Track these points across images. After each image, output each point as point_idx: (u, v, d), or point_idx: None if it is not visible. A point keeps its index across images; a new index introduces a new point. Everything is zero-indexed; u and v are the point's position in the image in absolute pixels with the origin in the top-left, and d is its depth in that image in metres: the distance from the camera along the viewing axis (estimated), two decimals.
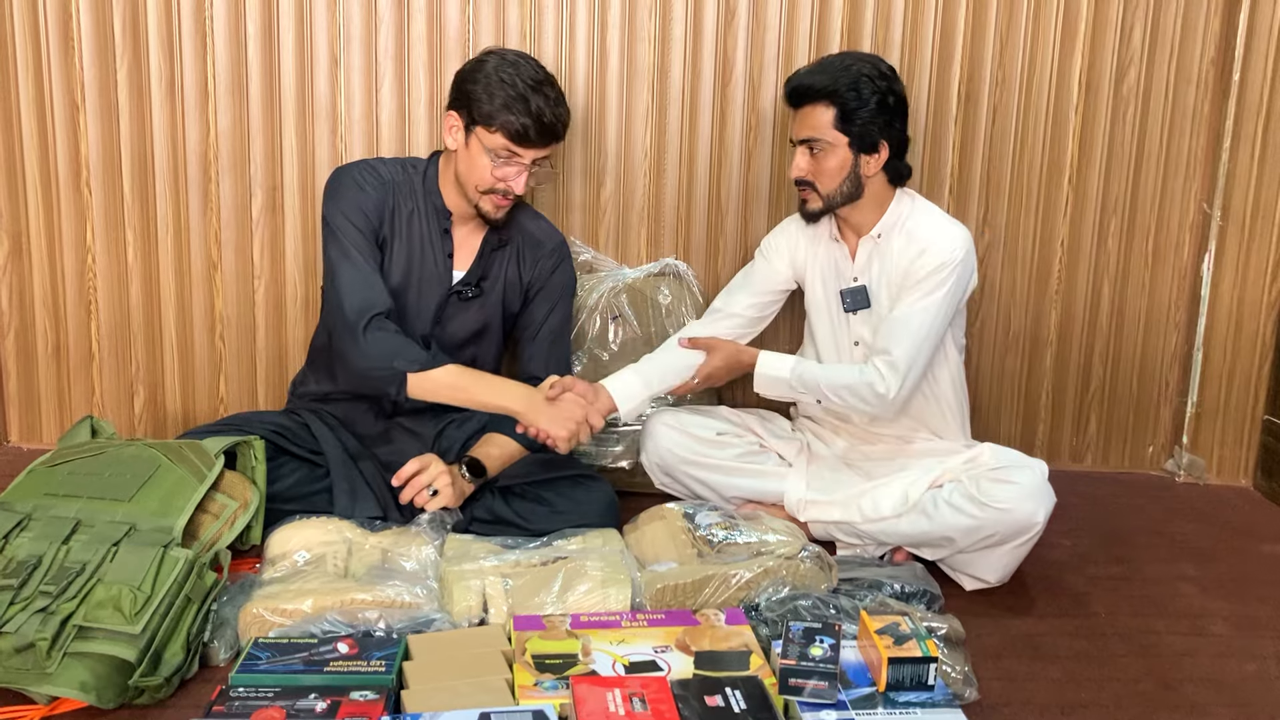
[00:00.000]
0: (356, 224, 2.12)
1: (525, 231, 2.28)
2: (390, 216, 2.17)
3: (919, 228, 2.20)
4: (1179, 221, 2.70)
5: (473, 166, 2.10)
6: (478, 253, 2.23)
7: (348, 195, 2.14)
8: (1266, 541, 2.43)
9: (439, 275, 2.20)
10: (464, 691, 1.56)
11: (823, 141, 2.14)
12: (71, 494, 1.85)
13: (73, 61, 2.52)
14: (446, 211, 2.19)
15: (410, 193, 2.19)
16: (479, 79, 2.05)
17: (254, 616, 1.72)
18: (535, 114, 2.03)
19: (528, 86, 2.03)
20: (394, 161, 2.22)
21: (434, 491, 2.05)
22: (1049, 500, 2.04)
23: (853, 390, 2.18)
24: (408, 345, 2.07)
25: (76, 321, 2.65)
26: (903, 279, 2.19)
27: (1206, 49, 2.61)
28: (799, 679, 1.56)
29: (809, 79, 2.16)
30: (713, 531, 2.03)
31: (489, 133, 2.05)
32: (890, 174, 2.20)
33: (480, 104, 2.04)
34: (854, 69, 2.13)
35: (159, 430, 2.69)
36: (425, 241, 2.19)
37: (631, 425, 2.43)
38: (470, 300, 2.23)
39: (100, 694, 1.54)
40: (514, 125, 2.03)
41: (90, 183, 2.57)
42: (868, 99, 2.11)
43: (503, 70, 2.04)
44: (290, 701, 1.52)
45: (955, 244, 2.15)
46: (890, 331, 2.16)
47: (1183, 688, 1.78)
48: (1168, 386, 2.81)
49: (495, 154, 2.07)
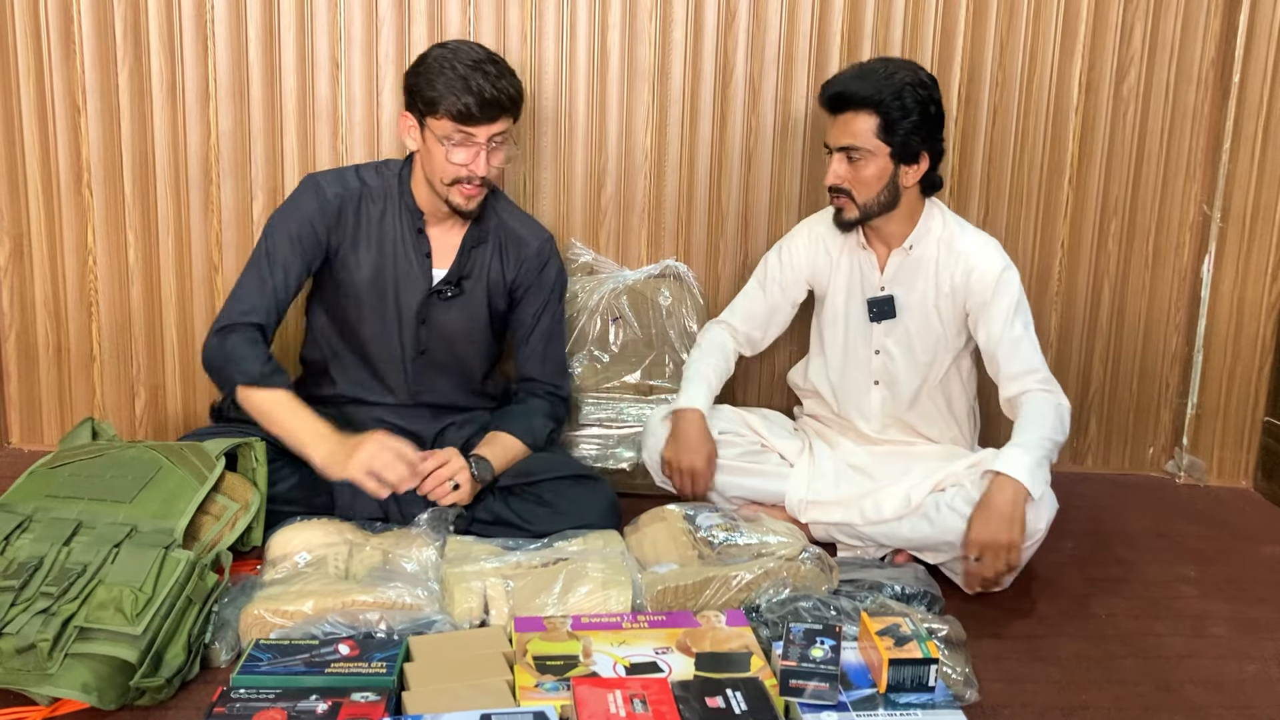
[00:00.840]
0: (292, 231, 2.14)
1: (508, 229, 2.26)
2: (352, 225, 2.17)
3: (955, 242, 2.20)
4: (1179, 223, 2.70)
5: (432, 159, 2.09)
6: (458, 251, 2.22)
7: (300, 201, 2.17)
8: (1267, 543, 2.43)
9: (418, 276, 2.20)
10: (465, 693, 1.56)
11: (863, 150, 2.11)
12: (72, 496, 1.85)
13: (74, 63, 2.52)
14: (419, 211, 2.19)
15: (382, 195, 2.19)
16: (421, 72, 2.07)
17: (255, 618, 1.72)
18: (476, 91, 2.02)
19: (467, 67, 2.03)
20: (369, 166, 2.23)
21: (455, 485, 2.04)
22: (1051, 506, 2.04)
23: (1061, 422, 2.11)
24: (252, 358, 2.06)
25: (77, 323, 2.65)
26: (955, 300, 2.20)
27: (1206, 50, 2.61)
28: (800, 680, 1.56)
29: (851, 85, 2.11)
30: (713, 533, 2.03)
31: (437, 120, 2.05)
32: (924, 184, 2.19)
33: (424, 94, 2.05)
34: (898, 77, 2.09)
35: (160, 431, 2.69)
36: (399, 242, 2.19)
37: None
38: (452, 300, 2.23)
39: (101, 695, 1.54)
40: (456, 105, 2.02)
41: (91, 184, 2.58)
42: (911, 109, 2.08)
43: (442, 59, 2.05)
44: (291, 703, 1.52)
45: (994, 253, 2.18)
46: (1020, 354, 2.16)
47: (1183, 689, 1.78)
48: (1168, 388, 2.81)
49: (448, 139, 2.06)
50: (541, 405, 2.28)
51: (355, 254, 2.18)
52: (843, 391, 2.36)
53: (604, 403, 2.52)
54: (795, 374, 2.51)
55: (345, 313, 2.23)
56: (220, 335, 2.10)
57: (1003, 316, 2.16)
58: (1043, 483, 2.00)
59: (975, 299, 2.18)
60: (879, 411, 2.33)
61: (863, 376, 2.33)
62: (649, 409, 2.48)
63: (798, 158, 2.62)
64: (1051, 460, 2.07)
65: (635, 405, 2.52)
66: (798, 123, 2.60)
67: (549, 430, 2.26)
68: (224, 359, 2.08)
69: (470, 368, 2.30)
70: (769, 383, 2.74)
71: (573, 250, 2.62)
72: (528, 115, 2.57)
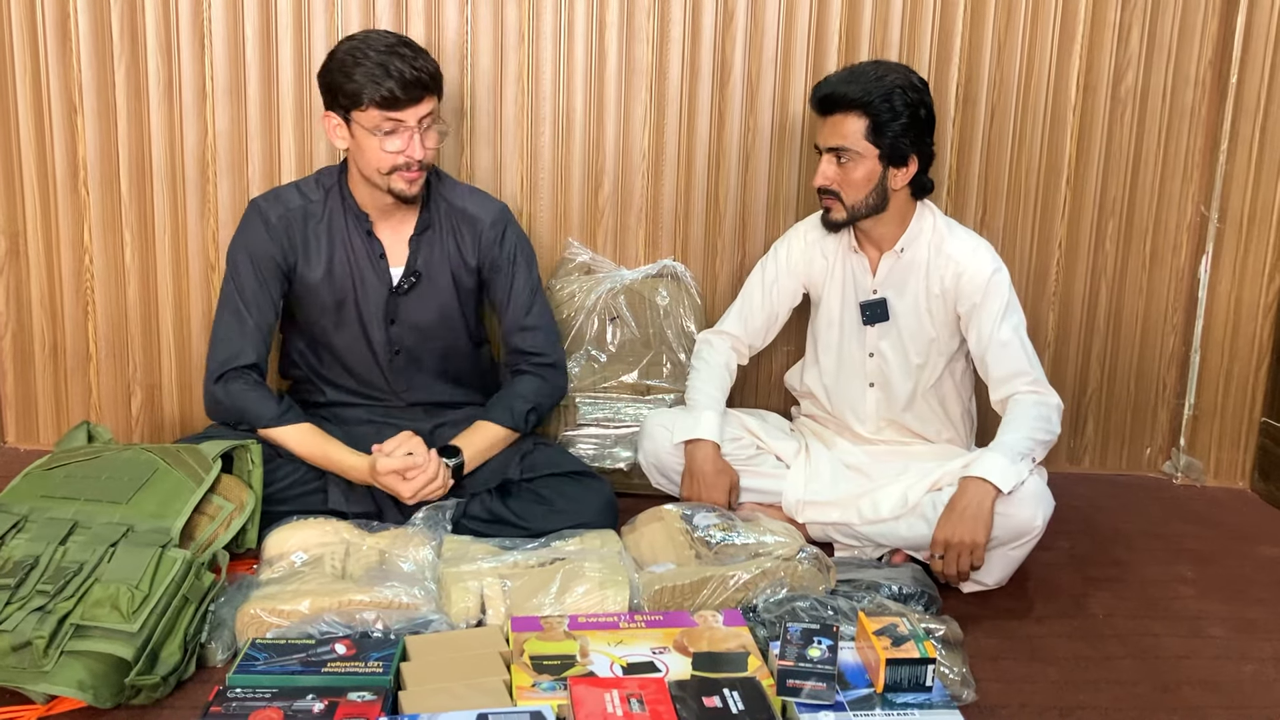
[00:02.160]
0: (250, 264, 2.16)
1: (457, 210, 2.24)
2: (302, 242, 2.18)
3: (945, 245, 2.20)
4: (1176, 223, 2.71)
5: (365, 153, 2.07)
6: (409, 243, 2.21)
7: (248, 232, 2.18)
8: (1264, 543, 2.43)
9: (375, 278, 2.20)
10: (462, 693, 1.56)
11: (852, 152, 2.12)
12: (69, 496, 1.85)
13: (70, 62, 2.52)
14: (364, 214, 2.18)
15: (324, 206, 2.19)
16: (334, 68, 2.05)
17: (251, 617, 1.72)
18: (396, 74, 2.00)
19: (381, 54, 2.01)
20: (307, 179, 2.23)
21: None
22: (1048, 504, 2.04)
23: (1046, 421, 2.11)
24: (260, 402, 2.13)
25: (74, 322, 2.65)
26: (946, 303, 2.20)
27: (1204, 51, 2.61)
28: (797, 680, 1.56)
29: (841, 87, 2.11)
30: (710, 533, 2.03)
31: (363, 112, 2.04)
32: (914, 187, 2.19)
33: (344, 89, 2.03)
34: (888, 80, 2.09)
35: (156, 430, 2.69)
36: (350, 249, 2.19)
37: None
38: (412, 292, 2.22)
39: (97, 693, 1.54)
40: (379, 92, 2.01)
41: (88, 183, 2.57)
42: (900, 112, 2.09)
43: (352, 50, 2.03)
44: (288, 702, 1.51)
45: (985, 256, 2.18)
46: (1007, 357, 2.16)
47: (1180, 689, 1.78)
48: (1165, 388, 2.81)
49: (377, 129, 2.04)
50: (525, 384, 2.25)
51: (310, 270, 2.18)
52: (838, 394, 2.36)
53: (601, 402, 2.52)
54: (792, 376, 2.52)
55: (313, 328, 2.24)
56: (221, 385, 2.14)
57: (992, 320, 2.16)
58: (1015, 478, 2.00)
59: (965, 302, 2.18)
60: (874, 414, 2.33)
61: (858, 379, 2.33)
62: (646, 409, 2.48)
63: (795, 158, 2.62)
64: (1036, 457, 2.08)
65: (633, 405, 2.52)
66: (795, 123, 2.60)
67: (528, 409, 2.22)
68: (233, 410, 2.14)
69: (451, 356, 2.29)
70: (766, 384, 2.74)
71: (570, 250, 2.62)
72: (525, 115, 2.57)
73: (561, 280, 2.58)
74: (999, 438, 2.09)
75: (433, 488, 2.06)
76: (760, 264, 2.40)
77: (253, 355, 2.14)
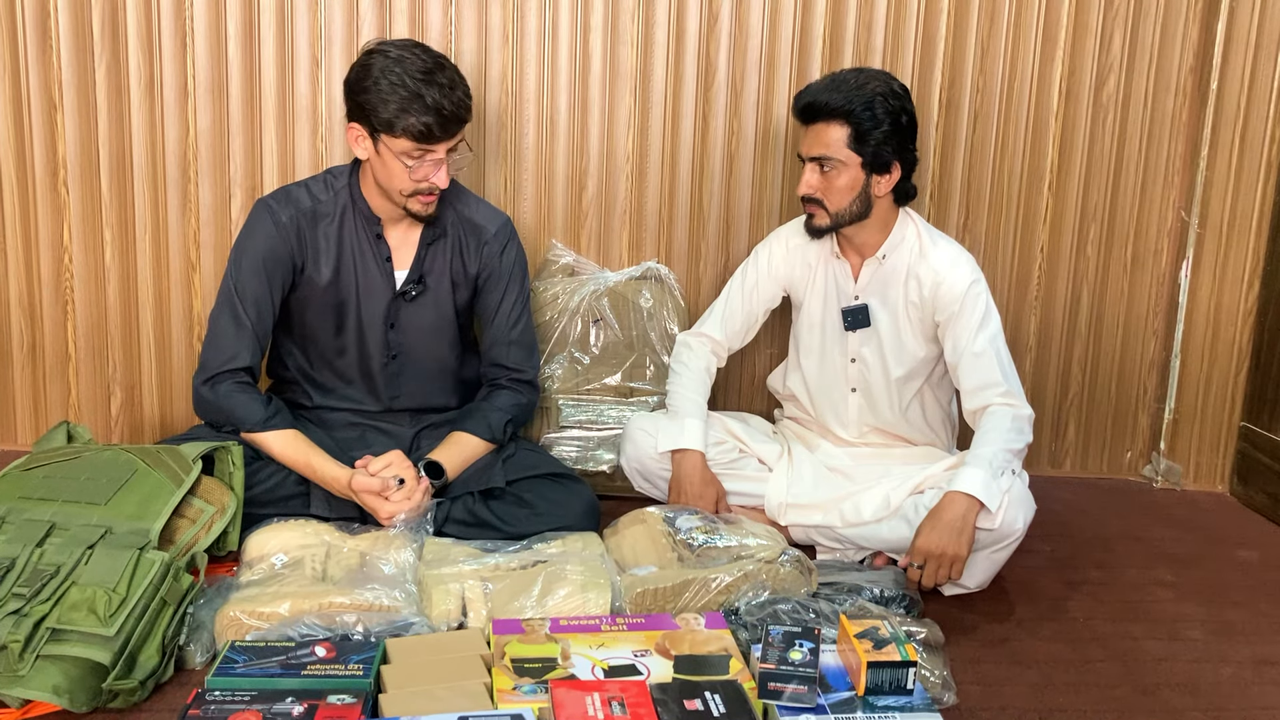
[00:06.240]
0: (256, 263, 2.13)
1: (464, 220, 2.24)
2: (311, 243, 2.16)
3: (926, 254, 2.20)
4: (1157, 229, 2.72)
5: (389, 174, 2.06)
6: (416, 249, 2.21)
7: (257, 231, 2.14)
8: (1242, 547, 2.45)
9: (381, 280, 2.19)
10: (442, 696, 1.55)
11: (834, 160, 2.12)
12: (47, 497, 1.83)
13: (51, 59, 2.50)
14: (375, 217, 2.17)
15: (334, 206, 2.17)
16: (368, 86, 2.00)
17: (230, 619, 1.71)
18: (434, 108, 1.98)
19: (419, 82, 1.98)
20: (316, 179, 2.21)
21: (400, 481, 2.03)
22: (1029, 507, 2.05)
23: (1019, 433, 2.11)
24: (248, 405, 2.11)
25: (53, 322, 2.63)
26: (924, 311, 2.20)
27: (1185, 57, 2.63)
28: (778, 683, 1.56)
29: (823, 96, 2.12)
30: (693, 535, 2.03)
31: (394, 139, 2.01)
32: (897, 194, 2.20)
33: (377, 112, 2.00)
34: (869, 88, 2.10)
35: (136, 431, 2.67)
36: (358, 252, 2.18)
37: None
38: (417, 299, 2.21)
39: (73, 697, 1.53)
40: (416, 127, 1.99)
41: (68, 181, 2.55)
42: (882, 120, 2.09)
43: (390, 72, 1.99)
44: (267, 705, 1.50)
45: (964, 266, 2.18)
46: (980, 368, 2.15)
47: (1159, 692, 1.79)
48: (1146, 393, 2.83)
49: (407, 157, 2.03)
50: (503, 398, 2.26)
51: (318, 271, 2.17)
52: (820, 398, 2.36)
53: (584, 405, 2.51)
54: (774, 379, 2.52)
55: (310, 329, 2.22)
56: (210, 386, 2.12)
57: (968, 331, 2.16)
58: (999, 493, 2.00)
59: (943, 312, 2.19)
60: (856, 418, 2.33)
61: (840, 384, 2.33)
62: (629, 411, 2.48)
63: (779, 160, 2.62)
64: (1014, 469, 2.08)
65: (615, 407, 2.51)
66: (779, 125, 2.60)
67: (505, 421, 2.22)
68: (220, 411, 2.12)
69: (444, 364, 2.29)
70: (749, 386, 2.75)
71: (554, 251, 2.62)
72: (509, 116, 2.57)
73: (545, 282, 2.58)
74: (976, 449, 2.09)
75: (409, 508, 2.05)
76: (741, 267, 2.41)
77: (246, 359, 2.12)
